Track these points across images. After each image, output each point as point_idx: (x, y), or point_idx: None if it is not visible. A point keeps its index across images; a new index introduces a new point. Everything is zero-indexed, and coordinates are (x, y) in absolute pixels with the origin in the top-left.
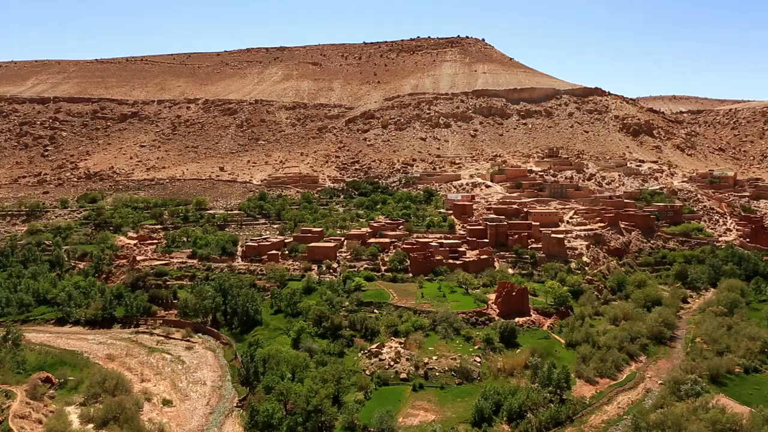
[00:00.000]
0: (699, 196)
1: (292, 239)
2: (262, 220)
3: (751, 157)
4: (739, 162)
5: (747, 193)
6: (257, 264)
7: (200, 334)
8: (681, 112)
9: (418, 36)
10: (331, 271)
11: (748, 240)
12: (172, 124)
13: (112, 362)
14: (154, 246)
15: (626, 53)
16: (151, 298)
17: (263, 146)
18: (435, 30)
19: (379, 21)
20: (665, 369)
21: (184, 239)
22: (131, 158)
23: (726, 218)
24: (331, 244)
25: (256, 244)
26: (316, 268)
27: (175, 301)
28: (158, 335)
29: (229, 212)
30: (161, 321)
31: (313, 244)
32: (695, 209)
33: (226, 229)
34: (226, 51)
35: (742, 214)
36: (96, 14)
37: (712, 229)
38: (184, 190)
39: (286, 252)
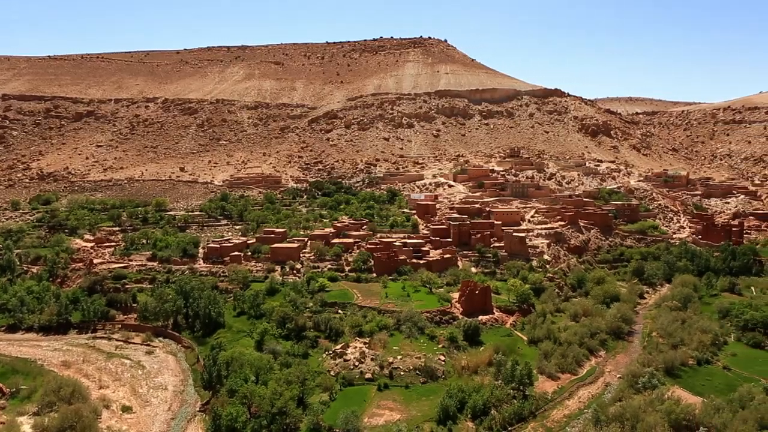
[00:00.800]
0: (654, 194)
1: (254, 240)
2: (224, 221)
3: (702, 157)
4: (691, 162)
5: (699, 192)
6: (219, 266)
7: (161, 338)
8: (637, 114)
9: (380, 36)
10: (294, 272)
11: (700, 237)
12: (130, 124)
13: (67, 369)
14: (112, 249)
15: (584, 55)
16: (109, 302)
17: (225, 146)
18: (398, 30)
19: (341, 21)
20: (623, 363)
21: (144, 241)
22: (87, 158)
23: (679, 216)
24: (295, 245)
25: (218, 246)
26: (279, 269)
27: (135, 305)
28: (117, 340)
29: (190, 213)
30: (120, 325)
31: (276, 245)
32: (651, 207)
33: (187, 230)
34: (185, 49)
35: (695, 212)
36: (48, 9)
37: (666, 226)
38: (143, 191)
39: (249, 253)
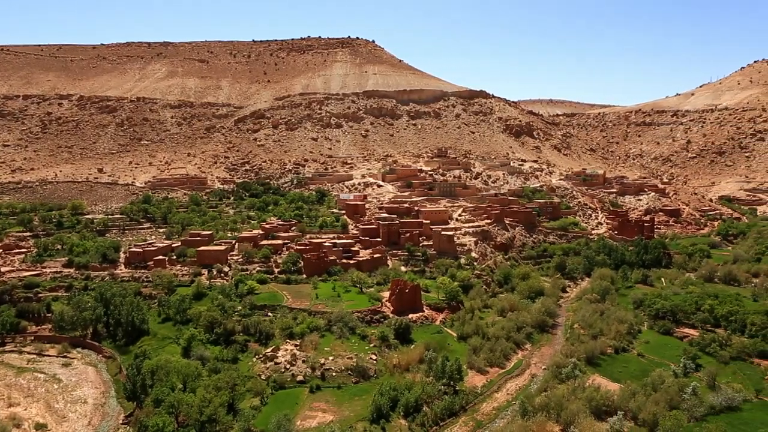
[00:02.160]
0: (574, 192)
1: (179, 243)
2: (147, 225)
3: (617, 157)
4: (607, 161)
5: (614, 190)
6: (142, 271)
7: (79, 349)
8: (557, 115)
9: (308, 36)
10: (222, 275)
11: (616, 232)
12: (41, 122)
13: None
14: (23, 255)
15: (508, 58)
16: (20, 312)
17: (147, 146)
18: (325, 30)
19: (268, 19)
20: (548, 355)
21: (59, 247)
22: None
23: (597, 213)
24: (222, 248)
25: (140, 250)
26: (206, 273)
27: (49, 315)
28: (29, 353)
29: (109, 217)
30: (32, 338)
31: (202, 248)
32: (571, 205)
33: (107, 234)
34: (102, 44)
35: (611, 209)
36: None
37: (586, 223)
38: (57, 194)
39: (174, 257)
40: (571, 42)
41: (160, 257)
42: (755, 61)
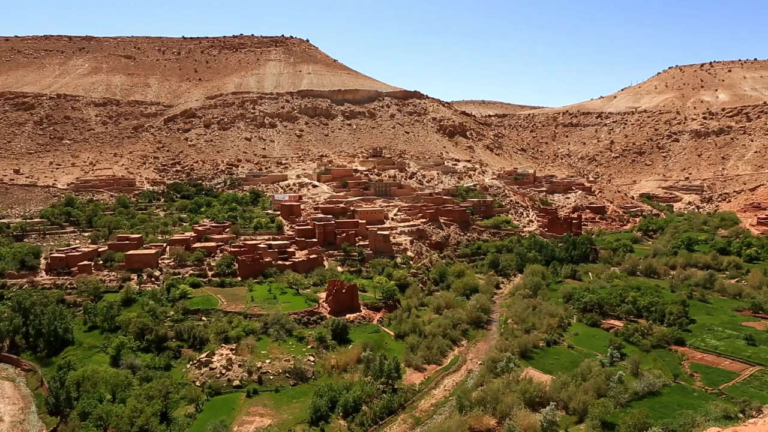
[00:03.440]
0: (506, 191)
1: (106, 248)
2: (71, 228)
3: (547, 156)
4: (537, 161)
5: (544, 188)
6: (66, 277)
7: None
8: (489, 116)
9: (241, 33)
10: (153, 279)
11: (546, 229)
12: None
13: None
14: None
15: (441, 59)
16: None
17: (69, 146)
18: (258, 28)
19: (198, 15)
20: (484, 350)
21: None
22: None
23: (529, 211)
24: (152, 251)
25: (63, 255)
26: (135, 278)
27: None
28: None
29: (28, 221)
30: None
31: (131, 252)
32: (504, 203)
33: (25, 239)
34: (17, 36)
35: (541, 206)
36: None
37: (518, 221)
38: None
39: (101, 262)
40: (502, 44)
41: (86, 262)
42: (670, 67)
